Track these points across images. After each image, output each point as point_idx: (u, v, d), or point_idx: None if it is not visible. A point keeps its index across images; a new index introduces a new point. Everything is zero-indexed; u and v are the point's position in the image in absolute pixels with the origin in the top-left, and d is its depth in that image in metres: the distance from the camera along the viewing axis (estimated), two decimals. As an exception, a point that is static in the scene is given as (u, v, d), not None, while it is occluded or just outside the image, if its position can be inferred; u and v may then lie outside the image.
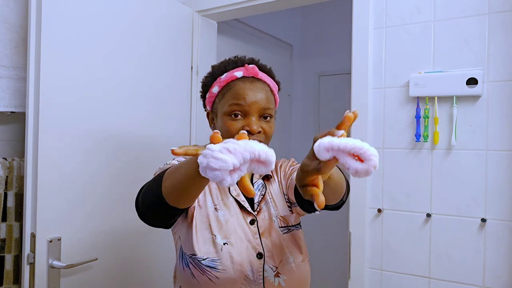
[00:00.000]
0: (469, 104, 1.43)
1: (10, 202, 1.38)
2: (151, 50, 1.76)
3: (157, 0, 1.78)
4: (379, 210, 1.58)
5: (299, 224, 1.13)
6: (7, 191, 1.38)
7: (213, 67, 1.15)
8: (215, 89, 1.10)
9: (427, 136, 1.48)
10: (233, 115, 1.04)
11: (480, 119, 1.41)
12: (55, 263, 1.36)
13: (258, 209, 1.09)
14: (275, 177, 1.16)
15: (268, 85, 1.11)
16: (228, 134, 1.02)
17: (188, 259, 1.02)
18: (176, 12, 1.90)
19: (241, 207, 1.07)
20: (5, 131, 1.48)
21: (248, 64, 1.10)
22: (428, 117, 1.47)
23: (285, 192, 1.13)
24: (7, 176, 1.38)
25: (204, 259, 1.00)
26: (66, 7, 1.41)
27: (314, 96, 3.12)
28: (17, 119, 1.50)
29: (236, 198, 1.08)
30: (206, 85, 1.15)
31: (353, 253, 1.62)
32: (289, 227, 1.09)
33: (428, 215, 1.49)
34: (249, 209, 1.07)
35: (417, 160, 1.52)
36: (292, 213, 1.11)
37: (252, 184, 1.11)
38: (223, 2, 1.94)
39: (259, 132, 1.04)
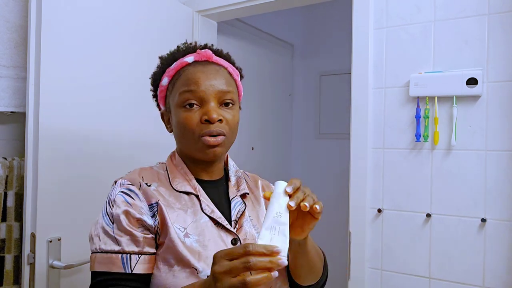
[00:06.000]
0: (469, 104, 1.43)
1: (10, 202, 1.38)
2: (150, 50, 1.75)
3: (157, 0, 1.78)
4: (379, 210, 1.58)
5: None
6: (7, 191, 1.38)
7: (160, 58, 0.99)
8: (164, 81, 0.95)
9: (427, 136, 1.48)
10: (187, 106, 0.88)
11: (480, 119, 1.41)
12: (55, 263, 1.36)
13: (237, 227, 0.92)
14: (260, 200, 1.02)
15: (226, 68, 0.95)
16: (186, 129, 0.88)
17: None
18: (176, 12, 1.90)
19: (218, 225, 0.90)
20: (5, 131, 1.48)
21: (201, 49, 0.96)
22: (428, 117, 1.47)
23: None
24: (7, 176, 1.38)
25: None
26: (65, 7, 1.41)
27: (315, 96, 3.11)
28: (17, 119, 1.50)
29: (211, 215, 0.90)
30: (155, 80, 0.99)
31: (353, 253, 1.61)
32: None
33: (428, 215, 1.49)
34: (228, 226, 0.90)
35: (417, 160, 1.52)
36: None
37: (230, 201, 0.96)
38: (223, 2, 1.94)
39: (220, 120, 0.88)
